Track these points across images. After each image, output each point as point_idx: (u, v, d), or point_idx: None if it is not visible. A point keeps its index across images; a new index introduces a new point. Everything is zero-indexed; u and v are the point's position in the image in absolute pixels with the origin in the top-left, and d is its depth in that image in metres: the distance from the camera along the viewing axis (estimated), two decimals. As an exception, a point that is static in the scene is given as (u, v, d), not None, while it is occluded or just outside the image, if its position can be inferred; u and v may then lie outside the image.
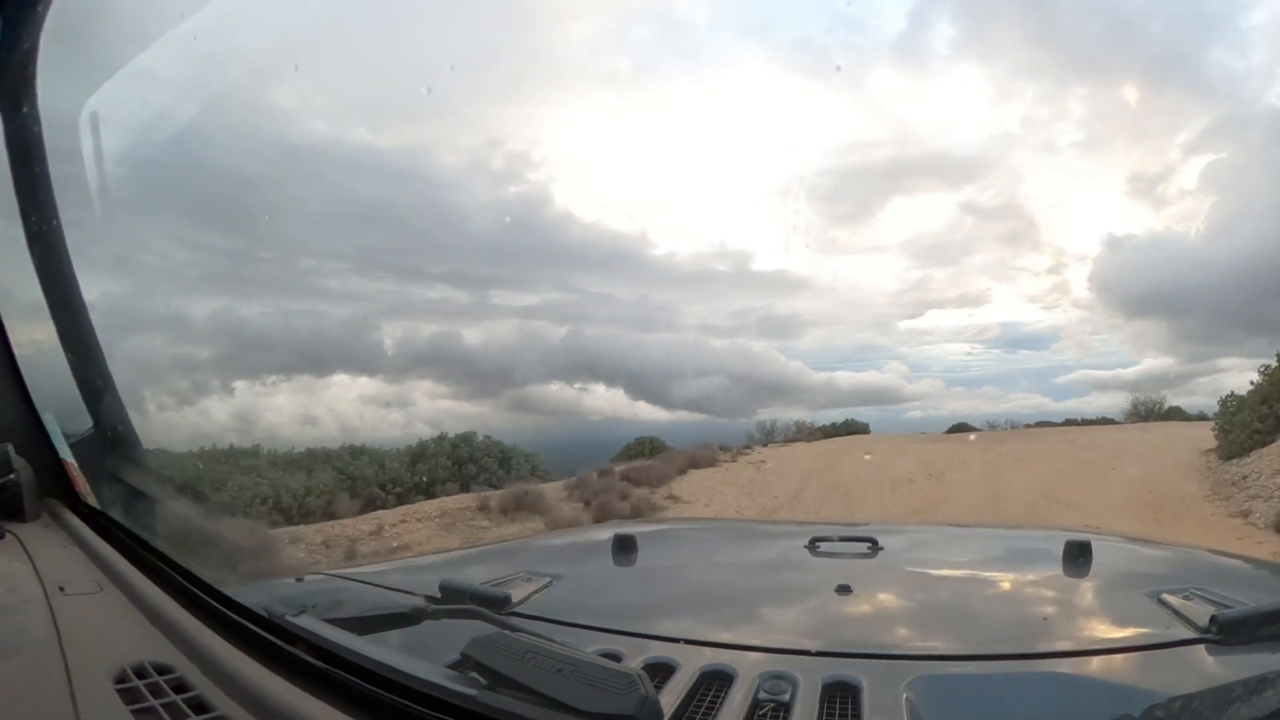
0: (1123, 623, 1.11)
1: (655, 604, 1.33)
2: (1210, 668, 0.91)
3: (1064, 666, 0.91)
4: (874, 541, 1.50)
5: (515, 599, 1.14)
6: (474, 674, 0.75)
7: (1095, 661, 0.92)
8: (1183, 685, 0.80)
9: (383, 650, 0.83)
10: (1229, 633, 0.92)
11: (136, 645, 0.93)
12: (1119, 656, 0.93)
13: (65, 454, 1.64)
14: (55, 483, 1.60)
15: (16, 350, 1.65)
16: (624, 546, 1.55)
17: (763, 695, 0.83)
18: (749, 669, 0.89)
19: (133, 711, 0.77)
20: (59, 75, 1.76)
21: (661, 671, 0.89)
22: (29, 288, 1.67)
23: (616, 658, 0.93)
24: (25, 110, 1.65)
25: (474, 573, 1.39)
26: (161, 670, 0.86)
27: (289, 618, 0.89)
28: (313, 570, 1.55)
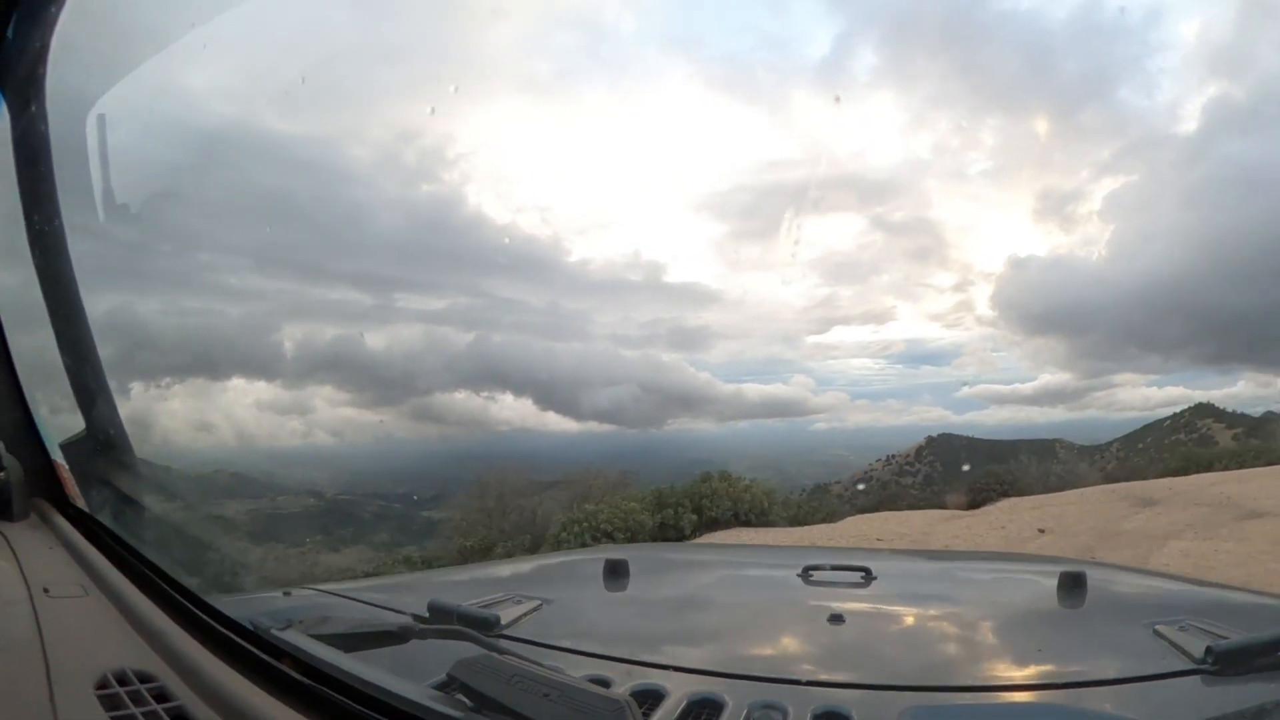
0: (1118, 654, 1.10)
1: (645, 630, 1.32)
2: (1206, 699, 0.90)
3: (1058, 698, 0.90)
4: (867, 571, 1.49)
5: (504, 621, 1.13)
6: (460, 696, 0.74)
7: (1090, 693, 0.91)
8: (1178, 717, 0.79)
9: (368, 668, 0.82)
10: (1225, 663, 0.91)
11: (119, 651, 0.92)
12: (1114, 688, 0.92)
13: (56, 455, 1.63)
14: (45, 483, 1.59)
15: (12, 349, 1.64)
16: (615, 571, 1.54)
17: None
18: (739, 697, 0.88)
19: (112, 718, 0.76)
20: (67, 75, 1.77)
21: (650, 698, 0.88)
22: (28, 287, 1.66)
23: (605, 683, 0.92)
24: (33, 109, 1.66)
25: (463, 593, 1.38)
26: (143, 678, 0.85)
27: (275, 631, 0.88)
28: (300, 585, 1.53)
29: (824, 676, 0.98)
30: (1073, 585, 1.38)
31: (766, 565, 2.08)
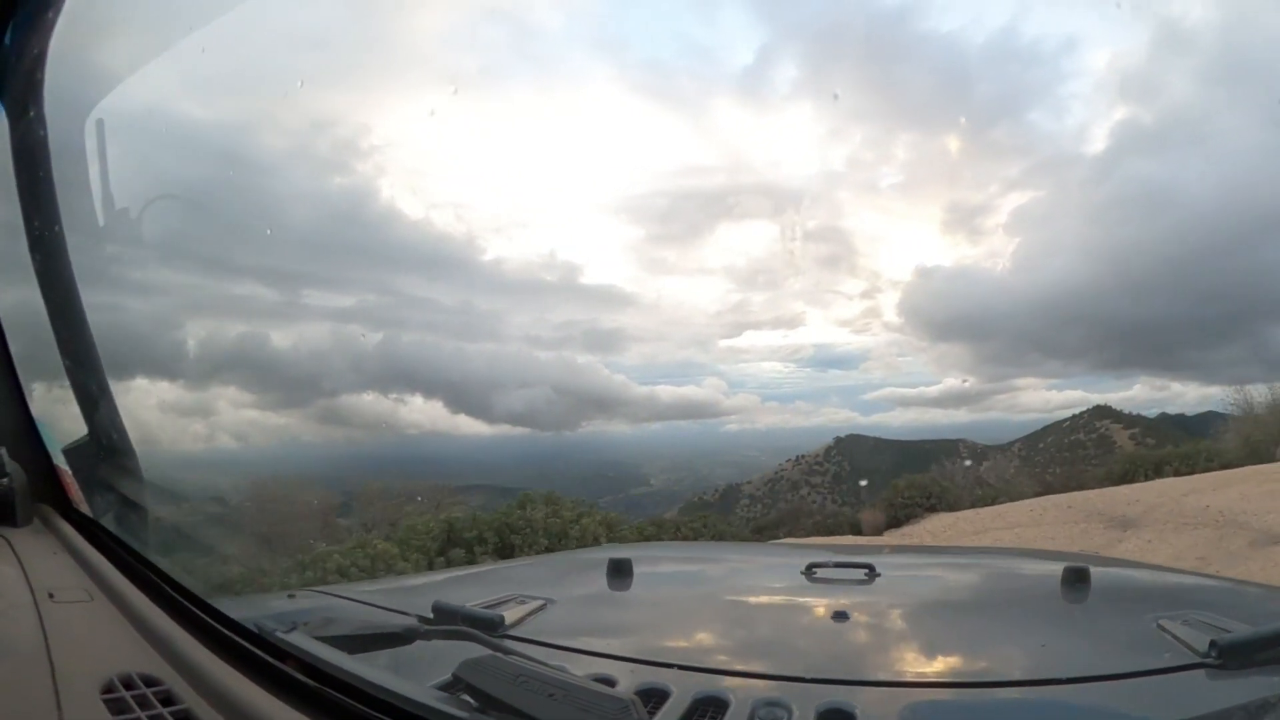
0: (1121, 649, 1.11)
1: (649, 628, 1.32)
2: (1210, 693, 0.90)
3: (1062, 694, 0.90)
4: (871, 568, 1.49)
5: (508, 621, 1.13)
6: (465, 696, 0.74)
7: (1094, 688, 0.91)
8: (1183, 711, 0.79)
9: (374, 670, 0.82)
10: (1229, 657, 0.91)
11: (125, 656, 0.92)
12: (1118, 683, 0.92)
13: (59, 460, 1.63)
14: (48, 488, 1.59)
15: (13, 353, 1.65)
16: (619, 570, 1.54)
17: None
18: (744, 695, 0.88)
19: None
20: (66, 81, 1.77)
21: (655, 697, 0.88)
22: (29, 292, 1.67)
23: (610, 682, 0.92)
24: (32, 114, 1.66)
25: (467, 594, 1.38)
26: (149, 682, 0.85)
27: (280, 634, 0.88)
28: (305, 587, 1.53)
29: (828, 674, 0.97)
30: (1076, 580, 1.38)
31: (770, 563, 2.08)
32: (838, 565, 1.55)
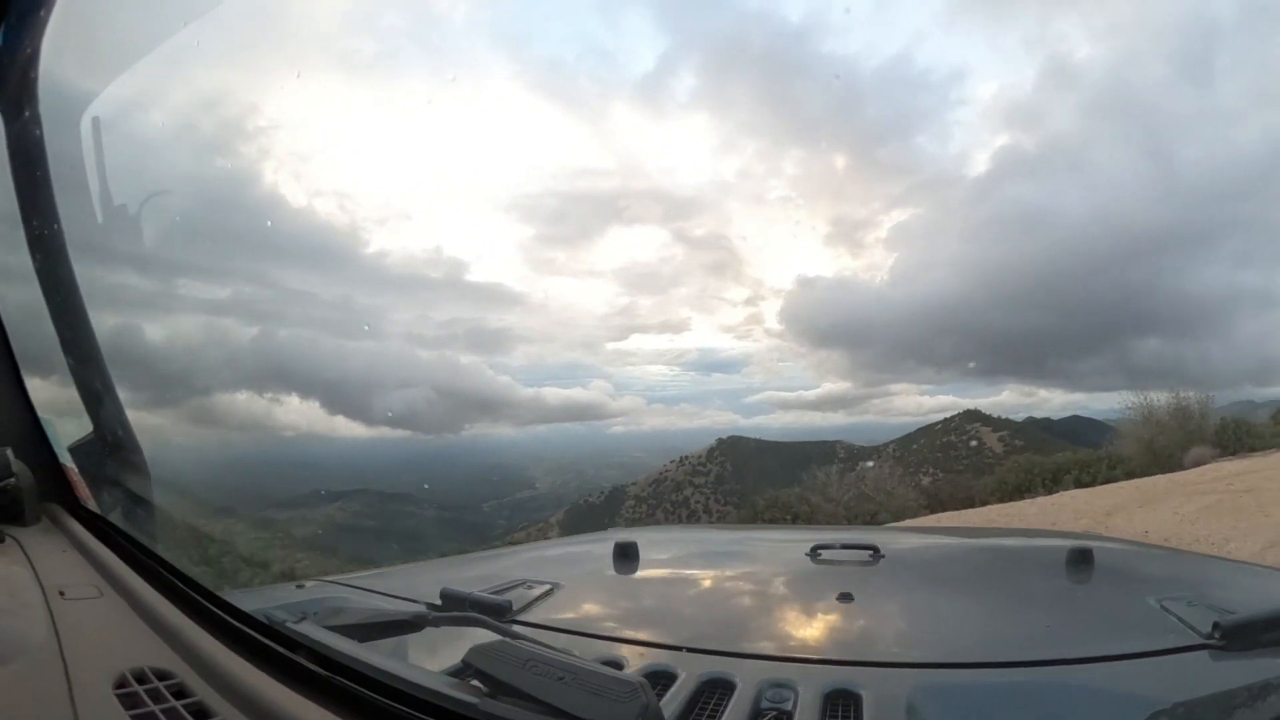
0: (1126, 629, 1.11)
1: (656, 612, 1.33)
2: (1214, 674, 0.90)
3: (1067, 674, 0.91)
4: (875, 549, 1.50)
5: (516, 606, 1.14)
6: (475, 682, 0.75)
7: (1099, 669, 0.91)
8: (1187, 691, 0.79)
9: (384, 657, 0.82)
10: (1232, 638, 0.92)
11: (136, 650, 0.92)
12: (1122, 664, 0.93)
13: (65, 458, 1.64)
14: (55, 487, 1.60)
15: (17, 353, 1.65)
16: (625, 554, 1.54)
17: (764, 703, 0.83)
18: (750, 677, 0.88)
19: (132, 716, 0.77)
20: (60, 80, 1.76)
21: (663, 680, 0.89)
22: (30, 291, 1.67)
23: (618, 665, 0.93)
24: (27, 114, 1.65)
25: (475, 580, 1.39)
26: (161, 676, 0.85)
27: (290, 624, 0.89)
28: (313, 577, 1.54)
29: (834, 655, 0.98)
30: (1080, 561, 1.38)
31: (775, 545, 2.08)
32: (843, 547, 1.55)
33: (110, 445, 1.71)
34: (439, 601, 1.09)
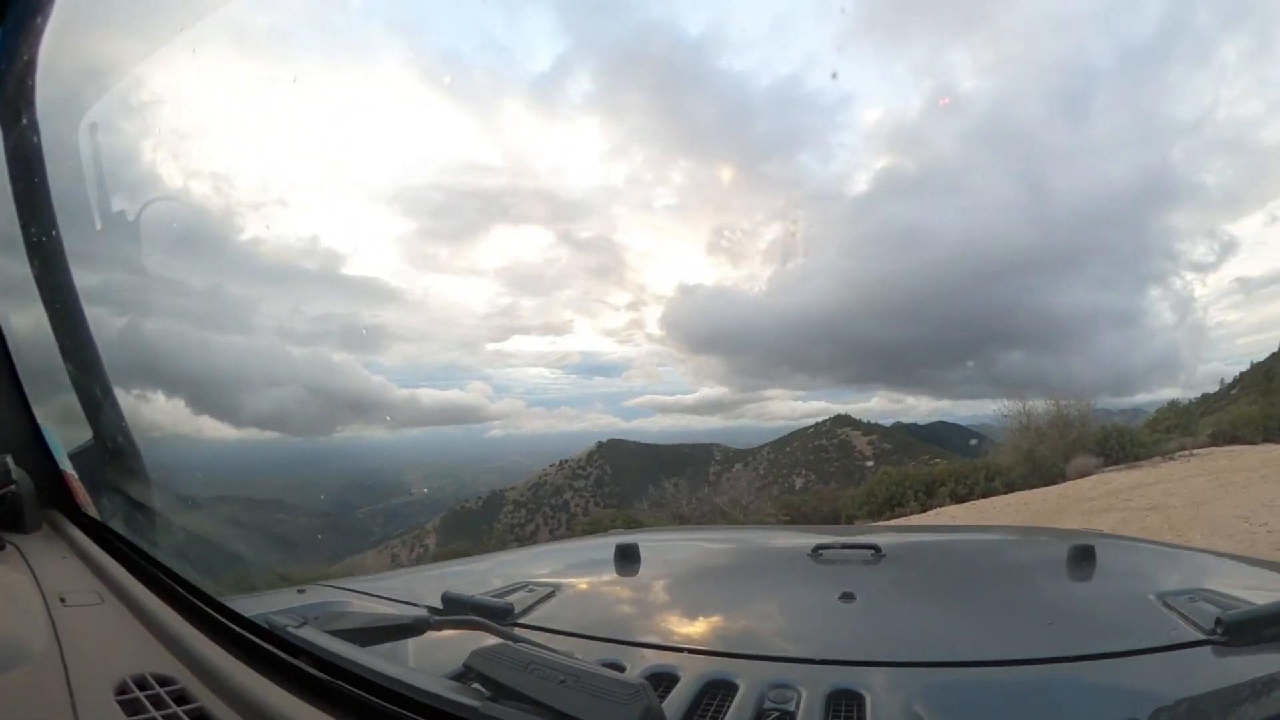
0: (1128, 626, 1.11)
1: (658, 613, 1.33)
2: (1216, 669, 0.90)
3: (1070, 671, 0.90)
4: (877, 548, 1.50)
5: (517, 610, 1.14)
6: (477, 685, 0.75)
7: (1101, 665, 0.91)
8: (1189, 687, 0.79)
9: (385, 662, 0.82)
10: (1234, 634, 0.92)
11: (138, 656, 0.92)
12: (1125, 660, 0.93)
13: (65, 465, 1.63)
14: (55, 494, 1.59)
15: (16, 361, 1.65)
16: (626, 556, 1.54)
17: (767, 704, 0.83)
18: (753, 678, 0.88)
19: None
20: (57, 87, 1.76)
21: (665, 681, 0.89)
22: (29, 298, 1.67)
23: (620, 668, 0.93)
24: (25, 121, 1.65)
25: (476, 583, 1.39)
26: (163, 682, 0.85)
27: (291, 629, 0.89)
28: (314, 582, 1.53)
29: (836, 655, 0.98)
30: (1082, 558, 1.38)
31: (776, 545, 2.08)
32: (844, 547, 1.55)
33: (110, 451, 1.71)
34: (440, 605, 1.09)
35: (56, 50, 1.64)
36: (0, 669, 0.84)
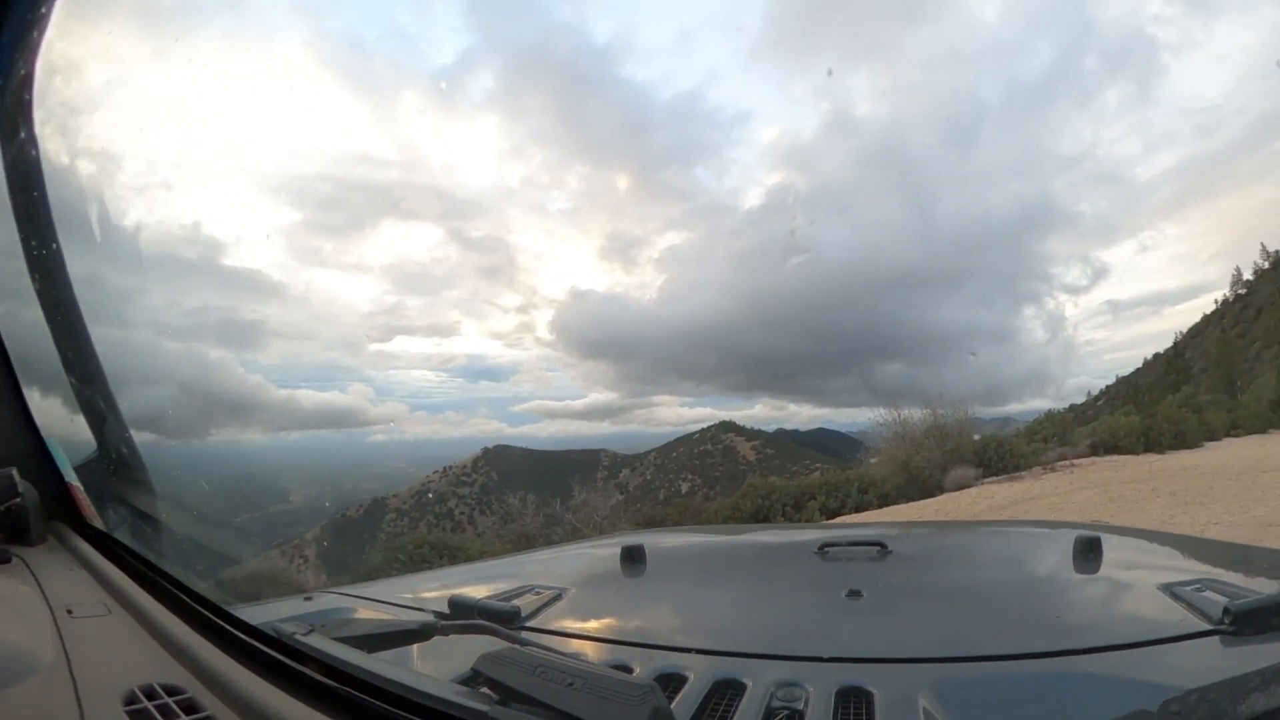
0: (1136, 617, 1.11)
1: (665, 614, 1.33)
2: (1225, 659, 0.90)
3: (1078, 664, 0.90)
4: (883, 545, 1.49)
5: (524, 613, 1.14)
6: (485, 689, 0.75)
7: (1109, 657, 0.91)
8: (1198, 677, 0.79)
9: (393, 668, 0.82)
10: (1243, 623, 0.92)
11: (146, 667, 0.92)
12: (1133, 651, 0.92)
13: (70, 477, 1.64)
14: (61, 506, 1.60)
15: (20, 374, 1.65)
16: (632, 557, 1.54)
17: (775, 703, 0.83)
18: (761, 677, 0.88)
19: None
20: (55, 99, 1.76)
21: (673, 682, 0.89)
22: (31, 312, 1.67)
23: (627, 669, 0.93)
24: (23, 135, 1.66)
25: (482, 588, 1.39)
26: (171, 691, 0.85)
27: (298, 637, 0.89)
28: (321, 589, 1.54)
29: (844, 653, 0.98)
30: (1088, 550, 1.38)
31: (782, 544, 2.08)
32: (850, 544, 1.55)
33: (115, 463, 1.72)
34: (447, 610, 1.09)
35: (54, 64, 1.65)
36: (9, 681, 0.84)
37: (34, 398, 1.66)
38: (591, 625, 1.14)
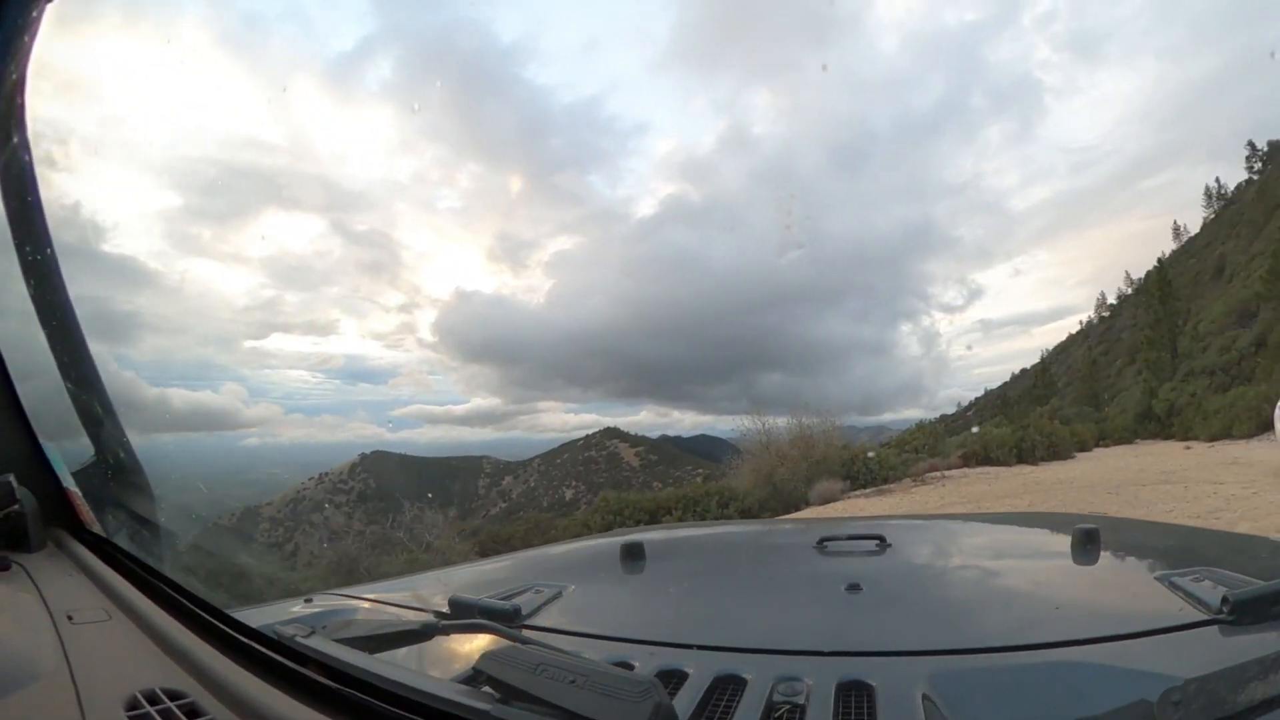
0: (1135, 607, 1.11)
1: (665, 610, 1.33)
2: (1224, 648, 0.91)
3: (1078, 655, 0.91)
4: (882, 539, 1.50)
5: (525, 611, 1.14)
6: (487, 688, 0.75)
7: (1109, 648, 0.91)
8: (1198, 667, 0.80)
9: (395, 668, 0.82)
10: (1241, 612, 0.92)
11: (147, 672, 0.92)
12: (1133, 641, 0.93)
13: (68, 483, 1.63)
14: (59, 512, 1.59)
15: (16, 380, 1.65)
16: (632, 554, 1.55)
17: (777, 698, 0.83)
18: (762, 672, 0.88)
19: None
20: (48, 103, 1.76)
21: (675, 678, 0.89)
22: (26, 318, 1.67)
23: (629, 666, 0.93)
24: (15, 140, 1.65)
25: (482, 586, 1.39)
26: (173, 696, 0.85)
27: (299, 639, 0.89)
28: (321, 590, 1.54)
29: (844, 646, 0.98)
30: (1086, 541, 1.39)
31: (782, 539, 2.09)
32: (849, 538, 1.56)
33: (113, 468, 1.71)
34: (448, 610, 1.09)
35: (45, 68, 1.64)
36: (10, 688, 0.84)
37: (30, 403, 1.66)
38: (592, 623, 1.15)
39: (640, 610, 1.35)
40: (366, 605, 1.34)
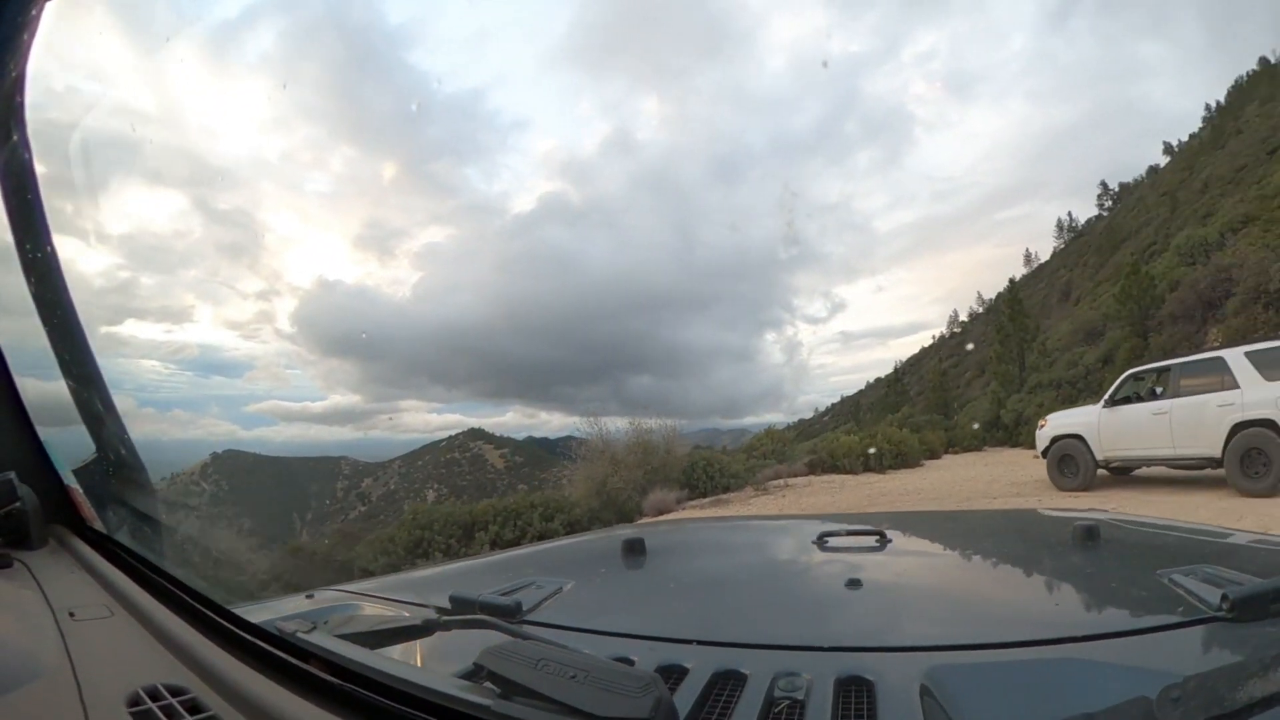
0: (1135, 604, 1.11)
1: (666, 606, 1.33)
2: (1224, 646, 0.91)
3: (1077, 652, 0.91)
4: (882, 534, 1.50)
5: (526, 607, 1.14)
6: (488, 684, 0.75)
7: (1109, 644, 0.91)
8: (1197, 664, 0.80)
9: (396, 664, 0.83)
10: (1241, 610, 0.92)
11: (149, 668, 0.93)
12: (1132, 639, 0.93)
13: (70, 480, 1.64)
14: (61, 509, 1.60)
15: (17, 377, 1.65)
16: (632, 549, 1.55)
17: (777, 693, 0.83)
18: (762, 667, 0.88)
19: None
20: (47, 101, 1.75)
21: (675, 673, 0.89)
22: (26, 315, 1.67)
23: (629, 661, 0.93)
24: (15, 137, 1.65)
25: (483, 582, 1.39)
26: (175, 692, 0.85)
27: (300, 635, 0.89)
28: (322, 586, 1.54)
29: (845, 642, 0.98)
30: (1087, 538, 1.39)
31: (782, 534, 2.09)
32: (849, 533, 1.56)
33: (113, 465, 1.72)
34: (449, 605, 1.09)
35: (45, 66, 1.64)
36: (12, 684, 0.84)
37: (31, 401, 1.66)
38: (593, 618, 1.15)
39: (641, 606, 1.35)
40: (368, 601, 1.34)
